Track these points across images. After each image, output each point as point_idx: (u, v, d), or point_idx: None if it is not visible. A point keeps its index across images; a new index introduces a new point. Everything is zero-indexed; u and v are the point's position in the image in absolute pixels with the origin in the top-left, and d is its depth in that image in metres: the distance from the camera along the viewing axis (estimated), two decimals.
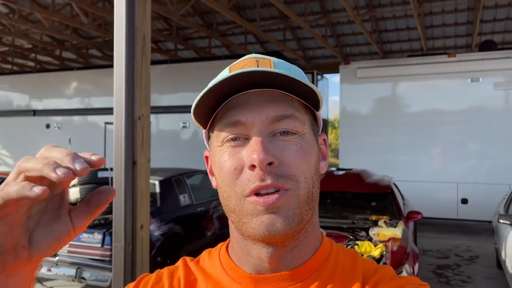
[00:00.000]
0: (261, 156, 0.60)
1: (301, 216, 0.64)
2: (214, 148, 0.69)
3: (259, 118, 0.64)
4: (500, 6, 10.70)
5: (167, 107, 11.29)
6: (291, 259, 0.67)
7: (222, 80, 0.61)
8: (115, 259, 2.94)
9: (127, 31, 2.98)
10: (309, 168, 0.66)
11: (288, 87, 0.65)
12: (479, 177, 8.58)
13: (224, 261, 0.75)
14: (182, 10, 9.88)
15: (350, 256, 0.73)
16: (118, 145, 2.94)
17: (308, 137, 0.68)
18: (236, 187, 0.64)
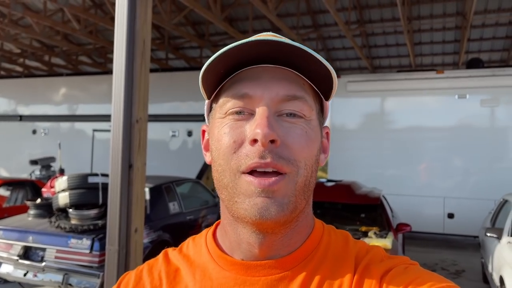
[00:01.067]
0: (265, 130, 0.58)
1: (295, 205, 0.62)
2: (215, 120, 0.66)
3: (268, 94, 0.62)
4: (487, 25, 11.00)
5: (156, 116, 11.26)
6: (281, 247, 0.65)
7: (238, 45, 0.59)
8: (108, 263, 2.91)
9: (128, 34, 2.99)
10: (311, 155, 0.63)
11: (303, 68, 0.63)
12: (465, 192, 8.71)
13: (211, 248, 0.71)
14: (175, 19, 9.94)
15: (342, 239, 0.71)
16: (115, 147, 2.93)
17: (314, 124, 0.66)
18: (232, 161, 0.61)
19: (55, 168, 10.37)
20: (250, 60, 0.62)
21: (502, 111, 8.70)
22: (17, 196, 8.23)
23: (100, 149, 11.85)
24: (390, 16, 10.81)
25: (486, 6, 10.00)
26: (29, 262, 4.87)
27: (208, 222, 7.00)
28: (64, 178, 5.29)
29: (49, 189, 6.73)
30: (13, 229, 5.07)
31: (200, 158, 10.84)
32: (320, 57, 0.60)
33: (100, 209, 5.03)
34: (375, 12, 10.83)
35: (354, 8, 10.59)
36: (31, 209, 5.53)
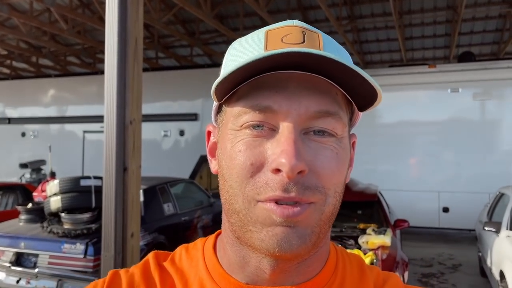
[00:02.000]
0: (293, 162, 0.48)
1: (319, 235, 0.53)
2: (226, 129, 0.56)
3: (296, 111, 0.52)
4: (477, 19, 11.02)
5: (148, 116, 11.13)
6: (296, 274, 0.57)
7: (259, 59, 0.48)
8: (105, 269, 2.82)
9: (119, 33, 2.89)
10: (341, 180, 0.55)
11: (336, 75, 0.52)
12: (460, 186, 8.72)
13: (210, 264, 0.62)
14: (165, 18, 9.81)
15: (356, 264, 0.65)
16: (109, 150, 2.84)
17: (345, 142, 0.56)
18: (248, 186, 0.52)
19: (45, 171, 10.21)
20: (274, 65, 0.51)
21: (494, 105, 8.73)
22: (8, 201, 8.07)
23: (91, 151, 11.70)
24: (381, 11, 10.78)
25: (476, 0, 10.01)
26: (21, 269, 4.76)
27: (203, 222, 6.92)
28: (55, 182, 5.18)
29: (40, 193, 6.60)
30: (4, 235, 4.95)
31: (193, 158, 10.76)
32: (367, 75, 0.50)
33: (93, 213, 4.93)
34: (366, 7, 10.79)
35: (344, 4, 10.55)
36: (22, 214, 5.41)
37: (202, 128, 10.88)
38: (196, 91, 10.97)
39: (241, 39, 0.60)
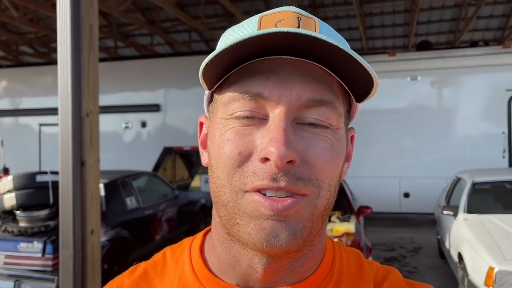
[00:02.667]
0: (282, 150, 0.46)
1: (310, 231, 0.50)
2: (216, 118, 0.53)
3: (288, 98, 0.49)
4: (434, 8, 11.30)
5: (108, 107, 10.80)
6: (289, 273, 0.54)
7: (246, 39, 0.45)
8: (63, 268, 2.70)
9: (72, 20, 2.74)
10: (335, 173, 0.52)
11: (333, 65, 0.49)
12: (419, 171, 8.99)
13: (196, 266, 0.58)
14: (123, 5, 9.49)
15: (354, 260, 0.62)
16: (64, 144, 2.70)
17: (341, 133, 0.53)
18: (234, 176, 0.49)
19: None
20: (265, 50, 0.48)
21: (450, 92, 9.01)
22: None
23: (49, 145, 11.24)
24: (342, 0, 10.87)
25: None
26: None
27: (168, 215, 6.81)
28: (9, 178, 4.93)
29: None
30: None
31: (156, 150, 10.56)
32: (361, 59, 0.46)
33: (51, 209, 4.74)
34: None
35: None
36: None
37: (165, 119, 10.67)
38: (158, 81, 10.72)
39: (235, 26, 0.57)
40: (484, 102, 8.73)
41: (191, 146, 10.43)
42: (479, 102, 8.74)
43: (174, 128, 10.56)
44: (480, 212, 4.91)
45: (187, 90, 10.46)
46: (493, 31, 12.93)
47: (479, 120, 8.78)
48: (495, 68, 8.67)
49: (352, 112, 0.58)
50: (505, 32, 12.64)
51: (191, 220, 7.64)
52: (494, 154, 8.55)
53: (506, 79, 8.60)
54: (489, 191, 5.58)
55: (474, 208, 5.06)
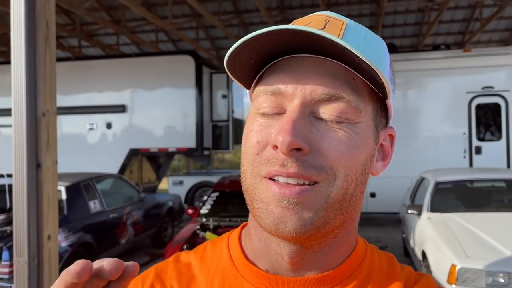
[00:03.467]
0: (287, 138, 0.49)
1: (326, 220, 0.52)
2: (251, 112, 0.59)
3: (302, 91, 0.52)
4: (399, 12, 11.57)
5: (72, 108, 10.48)
6: (314, 263, 0.57)
7: (257, 35, 0.50)
8: (18, 277, 2.56)
9: (27, 16, 2.61)
10: (355, 164, 0.53)
11: (354, 61, 0.51)
12: (385, 171, 9.03)
13: (234, 252, 0.62)
14: (87, 3, 9.24)
15: (386, 261, 0.63)
16: (18, 146, 2.57)
17: (363, 128, 0.55)
18: (254, 163, 0.54)
19: None
20: (289, 49, 0.53)
21: (414, 94, 9.22)
22: None
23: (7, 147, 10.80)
24: (310, 2, 10.97)
25: None
26: None
27: (133, 219, 6.65)
28: None
29: None
30: None
31: (122, 151, 10.32)
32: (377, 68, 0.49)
33: (8, 214, 4.54)
34: None
35: None
36: None
37: (131, 120, 10.44)
38: (124, 82, 10.47)
39: None
40: (446, 103, 8.99)
41: (158, 148, 10.25)
42: (442, 104, 8.99)
43: (140, 129, 10.35)
44: (443, 211, 5.02)
45: (154, 90, 10.28)
46: (454, 35, 13.36)
47: (442, 122, 9.03)
48: (456, 71, 8.94)
49: (388, 111, 0.60)
50: (465, 36, 13.08)
51: (158, 223, 7.50)
52: (456, 154, 8.81)
53: (466, 82, 8.88)
54: (451, 190, 5.72)
55: (437, 207, 5.17)
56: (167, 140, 10.20)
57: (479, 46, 13.53)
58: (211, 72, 10.69)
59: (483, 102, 8.84)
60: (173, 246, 4.56)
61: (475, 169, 7.68)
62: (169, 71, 10.18)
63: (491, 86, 8.77)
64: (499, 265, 3.62)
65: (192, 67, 9.99)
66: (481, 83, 8.81)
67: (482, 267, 3.62)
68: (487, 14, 11.46)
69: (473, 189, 5.82)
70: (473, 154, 8.87)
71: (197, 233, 4.91)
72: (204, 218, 5.32)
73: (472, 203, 5.32)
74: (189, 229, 5.04)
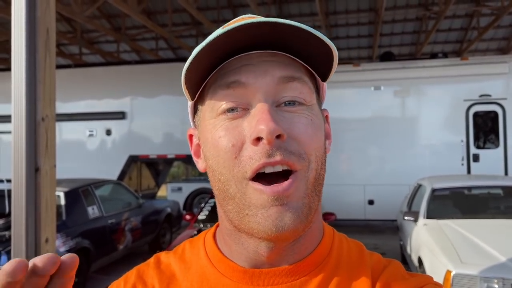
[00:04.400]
0: (271, 125, 0.50)
1: (309, 205, 0.54)
2: (205, 122, 0.58)
3: (263, 80, 0.54)
4: (397, 21, 11.66)
5: (72, 115, 10.54)
6: (292, 253, 0.58)
7: (223, 33, 0.50)
8: None
9: (27, 23, 2.66)
10: (320, 145, 0.57)
11: (297, 50, 0.55)
12: (383, 179, 9.18)
13: (210, 250, 0.64)
14: (88, 11, 9.33)
15: (355, 248, 0.65)
16: (17, 150, 2.61)
17: (316, 109, 0.59)
18: (235, 168, 0.53)
19: None
20: (235, 50, 0.54)
21: (412, 101, 9.28)
22: None
23: (7, 152, 10.84)
24: (309, 11, 11.06)
25: (395, 3, 10.59)
26: None
27: (131, 225, 6.67)
28: None
29: None
30: None
31: (121, 158, 10.35)
32: (319, 33, 0.51)
33: (7, 219, 4.56)
34: (294, 6, 11.02)
35: (273, 3, 10.69)
36: None
37: (131, 127, 10.49)
38: (124, 89, 10.54)
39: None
40: (444, 111, 9.04)
41: (157, 155, 10.29)
42: (439, 112, 9.04)
43: (140, 136, 10.40)
44: (439, 218, 5.05)
45: (154, 98, 10.34)
46: (452, 43, 13.46)
47: (439, 129, 9.07)
48: (454, 79, 9.01)
49: (321, 94, 0.63)
50: (463, 45, 13.18)
51: (156, 229, 7.52)
52: (454, 162, 8.84)
53: (464, 90, 8.94)
54: (448, 197, 5.75)
55: (433, 213, 5.20)
56: (166, 147, 10.25)
57: (476, 54, 13.63)
58: None
59: (481, 110, 8.90)
60: None
61: (471, 176, 7.71)
62: (168, 79, 10.24)
63: (489, 94, 8.84)
64: (494, 271, 3.64)
65: None
66: (478, 91, 8.87)
67: (477, 273, 3.63)
68: (484, 23, 11.57)
69: (470, 196, 5.84)
70: (471, 162, 8.91)
71: None
72: (201, 224, 5.34)
73: (468, 210, 5.35)
74: (186, 235, 5.06)
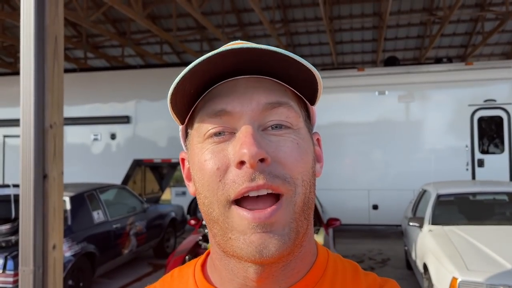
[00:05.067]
0: (253, 149, 0.50)
1: (297, 230, 0.54)
2: (193, 146, 0.58)
3: (249, 107, 0.55)
4: (401, 26, 11.66)
5: (76, 119, 10.58)
6: (283, 278, 0.57)
7: (203, 60, 0.52)
8: (23, 286, 2.60)
9: (36, 31, 2.69)
10: (307, 169, 0.56)
11: (282, 75, 0.56)
12: (388, 184, 9.16)
13: (198, 280, 0.64)
14: (93, 16, 9.39)
15: (350, 269, 0.64)
16: (26, 156, 2.63)
17: (304, 133, 0.58)
18: (219, 191, 0.53)
19: None
20: (221, 75, 0.56)
21: (416, 106, 9.27)
22: None
23: (13, 157, 10.89)
24: (313, 15, 11.09)
25: (399, 7, 10.59)
26: None
27: (136, 229, 6.68)
28: None
29: None
30: None
31: (126, 162, 10.38)
32: (299, 58, 0.53)
33: (13, 224, 4.59)
34: (298, 11, 11.04)
35: (278, 8, 10.71)
36: None
37: (135, 131, 10.52)
38: (128, 93, 10.59)
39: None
40: (448, 116, 9.02)
41: (162, 159, 10.32)
42: (444, 116, 9.02)
43: (144, 140, 10.43)
44: (445, 224, 5.03)
45: (158, 102, 10.37)
46: (457, 48, 13.45)
47: (444, 134, 9.05)
48: (458, 84, 8.99)
49: (311, 117, 0.64)
50: (467, 50, 13.16)
51: (161, 233, 7.53)
52: (458, 167, 8.82)
53: (469, 95, 8.93)
54: (453, 203, 5.73)
55: (438, 219, 5.18)
56: (170, 151, 10.27)
57: (481, 59, 13.61)
58: None
59: (486, 115, 8.88)
60: (176, 257, 4.58)
61: (477, 182, 7.68)
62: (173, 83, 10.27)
63: (493, 99, 8.82)
64: (500, 278, 3.62)
65: None
66: (483, 96, 8.85)
67: (483, 280, 3.62)
68: (489, 27, 11.55)
69: (475, 202, 5.82)
70: (476, 167, 8.88)
71: (200, 244, 4.93)
72: (206, 229, 5.34)
73: (473, 216, 5.33)
74: (191, 240, 5.07)
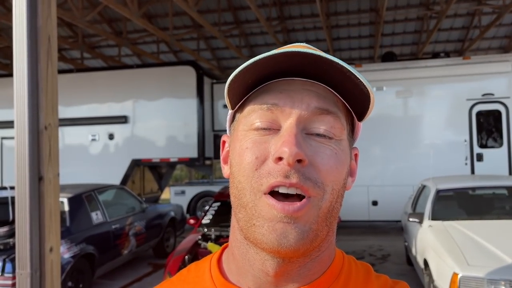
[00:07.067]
0: (293, 149, 0.52)
1: (317, 233, 0.56)
2: (238, 132, 0.61)
3: (299, 107, 0.57)
4: (398, 21, 11.63)
5: (74, 119, 10.55)
6: (298, 277, 0.59)
7: (270, 56, 0.54)
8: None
9: (29, 32, 2.66)
10: (339, 179, 0.58)
11: (337, 85, 0.58)
12: (387, 179, 9.15)
13: (214, 274, 0.65)
14: (89, 16, 9.34)
15: (363, 271, 0.66)
16: (21, 159, 2.60)
17: (344, 145, 0.60)
18: (253, 179, 0.55)
19: None
20: (280, 73, 0.58)
21: (415, 101, 9.25)
22: None
23: (11, 159, 10.86)
24: (309, 12, 11.05)
25: (396, 3, 10.56)
26: None
27: (135, 229, 6.66)
28: None
29: None
30: None
31: (124, 162, 10.36)
32: (360, 75, 0.54)
33: (11, 226, 4.56)
34: (294, 8, 11.01)
35: (274, 5, 10.68)
36: None
37: (133, 131, 10.49)
38: (126, 93, 10.55)
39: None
40: (446, 111, 9.00)
41: (160, 158, 10.29)
42: (442, 111, 9.01)
43: (142, 140, 10.40)
44: (444, 219, 5.02)
45: (156, 101, 10.34)
46: (454, 43, 13.42)
47: (442, 129, 9.04)
48: (456, 78, 8.97)
49: (355, 132, 0.66)
50: (465, 44, 13.14)
51: (160, 233, 7.51)
52: (457, 162, 8.81)
53: (467, 89, 8.91)
54: (452, 198, 5.72)
55: (438, 215, 5.17)
56: (168, 150, 10.25)
57: (478, 53, 13.59)
58: (212, 82, 10.77)
59: (484, 109, 8.86)
60: (175, 257, 4.57)
61: (476, 176, 7.67)
62: (170, 82, 10.25)
63: (491, 93, 8.80)
64: (501, 273, 3.61)
65: (193, 78, 10.06)
66: (481, 90, 8.84)
67: (484, 275, 3.61)
68: (486, 21, 11.53)
69: (475, 197, 5.81)
70: (475, 161, 8.87)
71: (199, 243, 4.91)
72: (205, 228, 5.33)
73: (473, 211, 5.32)
74: (191, 240, 5.05)
